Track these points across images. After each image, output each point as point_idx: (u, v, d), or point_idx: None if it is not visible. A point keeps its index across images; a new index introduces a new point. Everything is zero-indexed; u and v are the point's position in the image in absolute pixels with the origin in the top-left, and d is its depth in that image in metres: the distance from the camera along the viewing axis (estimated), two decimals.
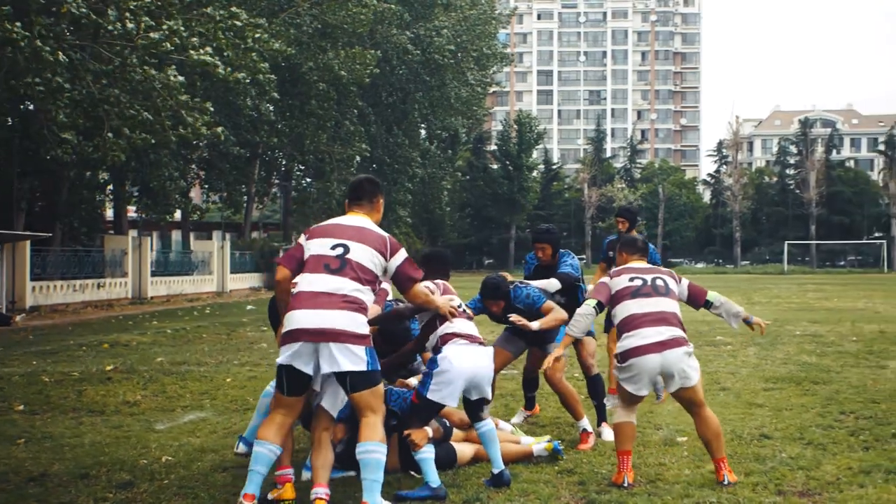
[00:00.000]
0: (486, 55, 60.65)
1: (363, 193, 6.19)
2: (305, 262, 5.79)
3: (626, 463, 6.49)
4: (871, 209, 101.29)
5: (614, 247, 9.71)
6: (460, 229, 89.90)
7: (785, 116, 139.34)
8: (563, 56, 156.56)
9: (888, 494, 6.13)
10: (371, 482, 5.56)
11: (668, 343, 6.38)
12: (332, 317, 5.52)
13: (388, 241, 5.93)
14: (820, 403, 9.74)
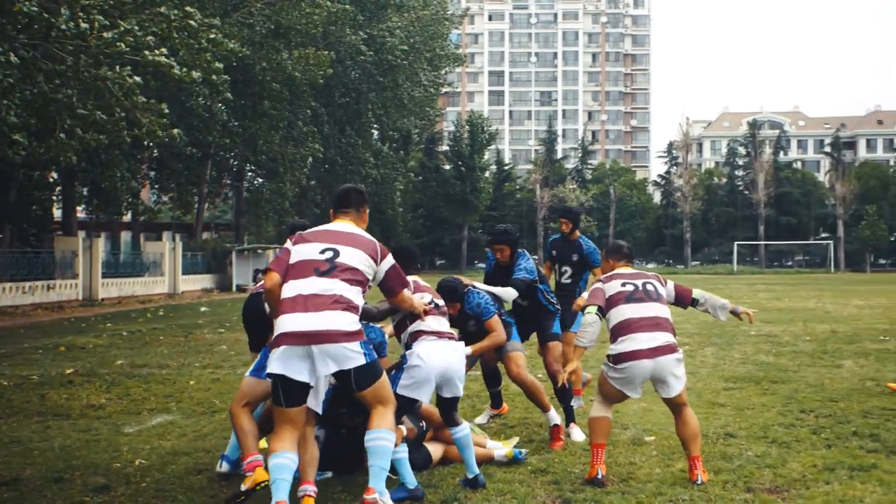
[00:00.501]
0: (438, 56, 60.82)
1: (350, 202, 6.20)
2: (292, 267, 5.77)
3: (600, 456, 6.61)
4: (817, 210, 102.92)
5: (557, 246, 9.84)
6: (412, 230, 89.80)
7: (733, 118, 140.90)
8: (515, 57, 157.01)
9: (853, 491, 6.28)
10: (378, 468, 5.59)
11: (661, 349, 6.54)
12: (323, 318, 5.48)
13: (378, 246, 5.95)
14: (780, 402, 9.91)
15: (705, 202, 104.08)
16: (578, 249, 9.78)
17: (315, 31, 42.79)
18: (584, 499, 6.14)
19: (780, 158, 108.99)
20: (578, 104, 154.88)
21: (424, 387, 6.41)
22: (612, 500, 6.10)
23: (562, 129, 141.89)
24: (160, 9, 25.52)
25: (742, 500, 6.12)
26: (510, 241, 8.32)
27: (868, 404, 9.72)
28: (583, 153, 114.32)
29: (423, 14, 56.96)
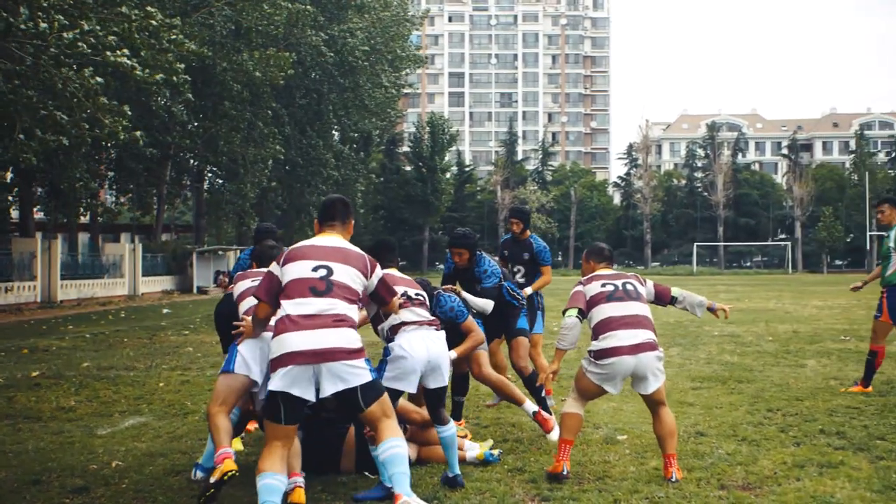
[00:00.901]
0: (399, 57, 60.82)
1: (336, 214, 6.13)
2: (286, 287, 5.67)
3: (566, 452, 6.73)
4: (775, 211, 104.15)
5: (509, 246, 9.89)
6: (373, 231, 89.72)
7: (692, 120, 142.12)
8: (475, 58, 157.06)
9: (824, 487, 6.39)
10: (400, 475, 5.56)
11: (643, 346, 6.65)
12: (327, 336, 5.43)
13: (367, 259, 5.94)
14: (747, 402, 10.05)
15: (665, 204, 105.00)
16: (529, 248, 9.83)
17: (276, 31, 42.67)
18: (561, 497, 6.22)
19: (739, 160, 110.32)
20: (538, 106, 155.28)
21: (410, 377, 6.44)
22: (589, 497, 6.18)
23: (522, 130, 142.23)
24: (121, 9, 25.36)
25: (716, 496, 6.22)
26: (469, 245, 8.32)
27: (833, 403, 9.89)
28: (543, 155, 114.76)
29: (383, 15, 56.95)
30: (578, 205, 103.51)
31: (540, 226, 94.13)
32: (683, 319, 22.31)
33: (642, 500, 6.12)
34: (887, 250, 10.82)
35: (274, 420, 5.47)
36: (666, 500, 6.11)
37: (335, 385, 5.41)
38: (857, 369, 12.47)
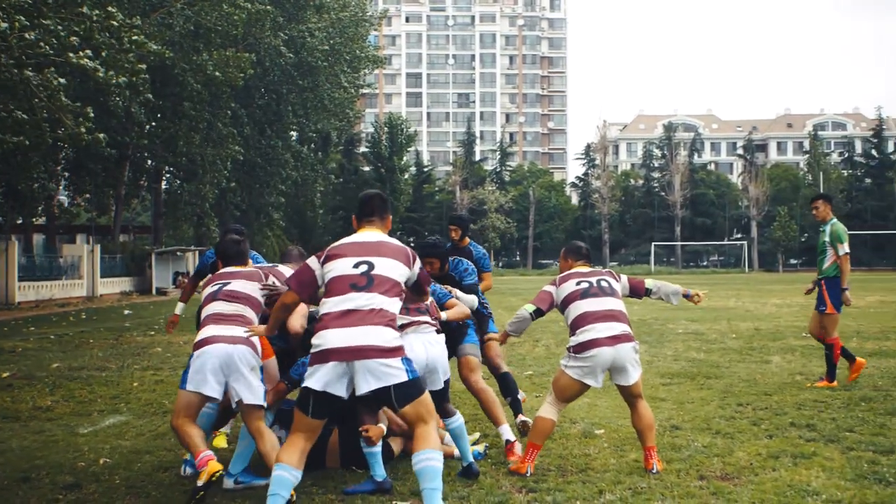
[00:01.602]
0: (358, 57, 60.71)
1: (375, 209, 6.14)
2: (329, 285, 5.70)
3: (533, 455, 6.89)
4: (731, 211, 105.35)
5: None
6: (332, 232, 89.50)
7: (649, 121, 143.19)
8: (432, 59, 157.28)
9: (799, 476, 6.61)
10: (430, 490, 5.40)
11: (620, 338, 6.84)
12: (364, 334, 5.44)
13: (409, 251, 5.95)
14: (718, 397, 10.27)
15: (622, 203, 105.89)
16: (469, 256, 9.68)
17: (236, 31, 42.49)
18: (547, 488, 6.38)
19: (695, 160, 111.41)
20: (496, 106, 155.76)
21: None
22: (574, 488, 6.34)
23: (480, 130, 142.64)
24: (82, 9, 25.19)
25: (697, 486, 6.41)
26: (440, 255, 8.18)
27: (800, 397, 10.14)
28: (501, 155, 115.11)
29: (342, 16, 56.85)
30: (537, 205, 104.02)
31: (499, 226, 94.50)
32: (647, 318, 22.60)
33: (625, 491, 6.28)
34: (823, 245, 11.34)
35: (301, 410, 5.50)
36: (649, 491, 6.28)
37: (368, 383, 5.39)
38: (821, 365, 12.71)
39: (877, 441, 7.76)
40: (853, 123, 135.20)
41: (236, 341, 6.12)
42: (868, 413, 9.10)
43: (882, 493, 6.16)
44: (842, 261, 11.14)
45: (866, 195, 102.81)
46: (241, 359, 6.08)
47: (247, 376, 6.09)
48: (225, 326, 6.21)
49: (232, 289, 6.48)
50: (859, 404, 9.63)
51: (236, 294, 6.45)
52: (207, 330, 6.24)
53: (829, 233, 11.25)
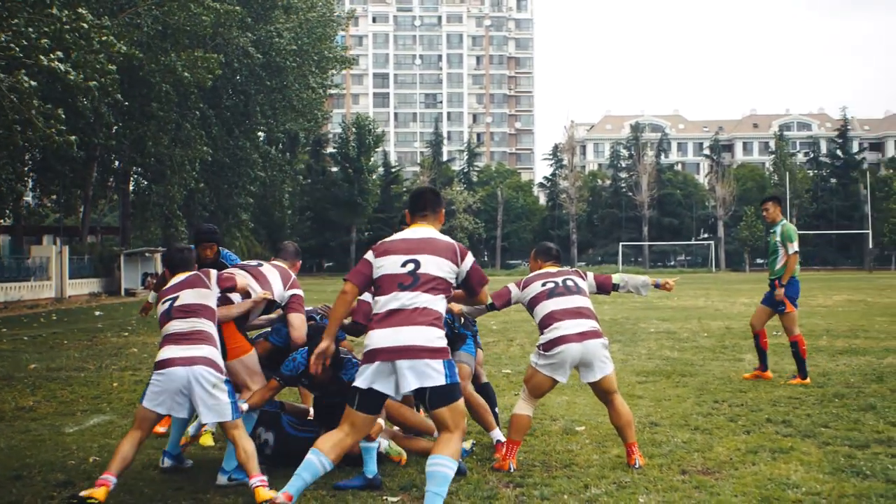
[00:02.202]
0: (326, 58, 60.66)
1: (427, 204, 6.20)
2: (378, 282, 5.83)
3: (514, 451, 7.04)
4: (698, 211, 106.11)
5: None
6: (300, 232, 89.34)
7: (616, 121, 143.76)
8: (399, 59, 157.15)
9: (778, 470, 6.79)
10: (433, 494, 5.45)
11: (588, 334, 6.96)
12: (408, 334, 5.56)
13: (457, 247, 5.99)
14: (693, 394, 10.45)
15: (590, 204, 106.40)
16: None
17: (204, 31, 42.35)
18: (533, 483, 6.52)
19: (662, 161, 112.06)
20: (463, 106, 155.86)
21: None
22: (560, 483, 6.48)
23: (447, 131, 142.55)
24: (51, 10, 25.09)
25: (679, 480, 6.57)
26: None
27: (775, 394, 10.34)
28: (469, 155, 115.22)
29: (310, 16, 56.78)
30: (505, 205, 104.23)
31: (467, 226, 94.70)
32: (619, 317, 22.83)
33: (610, 485, 6.43)
34: (775, 245, 11.71)
35: (349, 403, 5.69)
36: (633, 485, 6.43)
37: (410, 383, 5.51)
38: (793, 362, 12.96)
39: (852, 436, 7.96)
40: (818, 124, 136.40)
41: (194, 362, 6.18)
42: (842, 409, 9.31)
43: (860, 485, 6.35)
44: (790, 259, 11.50)
45: (832, 195, 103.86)
46: (197, 380, 6.15)
47: (206, 396, 6.16)
48: (182, 347, 6.27)
49: (182, 303, 6.53)
50: (833, 401, 9.84)
51: (188, 308, 6.50)
52: (166, 351, 6.31)
53: (781, 233, 11.61)
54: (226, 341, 6.85)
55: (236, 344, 6.95)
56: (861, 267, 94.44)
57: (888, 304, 27.46)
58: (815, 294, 35.27)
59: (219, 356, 6.36)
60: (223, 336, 6.82)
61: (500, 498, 6.18)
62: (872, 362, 13.23)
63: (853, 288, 41.72)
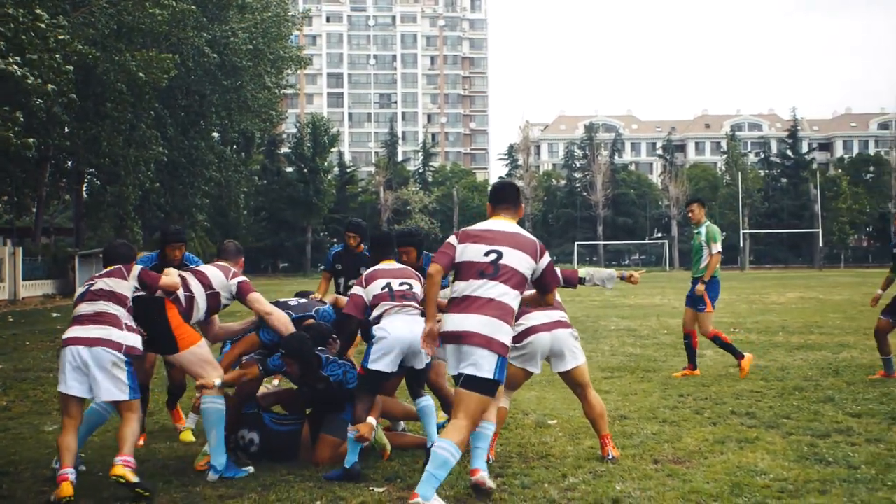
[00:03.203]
0: (281, 58, 60.53)
1: (508, 196, 6.50)
2: (459, 268, 6.15)
3: (492, 442, 7.17)
4: (652, 210, 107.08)
5: (341, 259, 10.01)
6: (255, 233, 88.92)
7: (570, 121, 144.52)
8: (353, 59, 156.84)
9: (746, 459, 7.08)
10: (431, 475, 5.65)
11: (557, 324, 7.20)
12: (473, 321, 5.91)
13: (538, 245, 6.28)
14: (659, 388, 10.74)
15: (545, 203, 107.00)
16: (365, 262, 9.46)
17: (160, 29, 42.11)
18: (512, 473, 6.76)
19: (616, 161, 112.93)
20: (418, 106, 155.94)
21: (390, 356, 6.74)
22: (538, 473, 6.72)
23: (402, 131, 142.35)
24: (7, 9, 24.91)
25: (652, 469, 6.83)
26: (416, 243, 8.15)
27: (737, 387, 10.65)
28: (424, 155, 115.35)
29: (265, 16, 56.64)
30: (461, 205, 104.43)
31: (423, 226, 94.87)
32: (580, 315, 23.12)
33: (587, 475, 6.68)
34: (699, 246, 12.14)
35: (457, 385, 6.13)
36: (608, 474, 6.67)
37: (467, 368, 5.87)
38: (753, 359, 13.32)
39: (813, 426, 8.26)
40: (769, 124, 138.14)
41: (93, 343, 6.38)
42: (802, 401, 9.63)
43: (823, 471, 6.64)
44: (713, 259, 11.97)
45: (782, 194, 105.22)
46: (95, 360, 6.35)
47: (102, 376, 6.35)
48: (84, 327, 6.47)
49: (97, 287, 6.72)
50: (793, 394, 10.16)
51: (99, 292, 6.68)
52: (69, 332, 6.52)
53: (706, 233, 12.06)
54: (174, 332, 6.97)
55: (185, 334, 7.06)
56: (811, 265, 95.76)
57: (839, 302, 28.02)
58: (768, 292, 35.87)
59: (123, 337, 6.51)
60: (172, 327, 6.96)
61: None
62: (828, 357, 13.62)
63: (805, 286, 42.43)
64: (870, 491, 6.11)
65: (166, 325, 6.95)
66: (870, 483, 6.31)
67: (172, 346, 6.96)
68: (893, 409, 9.08)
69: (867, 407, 9.20)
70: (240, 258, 8.03)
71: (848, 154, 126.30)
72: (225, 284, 7.43)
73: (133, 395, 6.46)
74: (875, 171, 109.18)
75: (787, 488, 6.21)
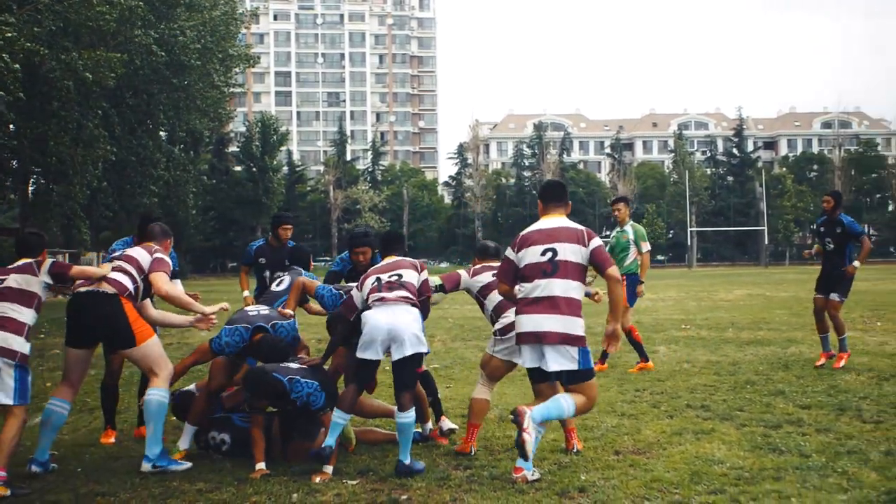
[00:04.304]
0: (230, 56, 60.22)
1: (557, 194, 7.12)
2: (523, 272, 6.75)
3: (474, 434, 7.49)
4: (601, 209, 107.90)
5: (265, 253, 10.27)
6: (204, 232, 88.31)
7: (518, 120, 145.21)
8: (301, 57, 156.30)
9: (703, 449, 7.37)
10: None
11: None
12: (549, 320, 6.52)
13: (584, 231, 6.76)
14: (615, 384, 11.03)
15: (495, 202, 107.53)
16: (290, 254, 9.62)
17: (108, 27, 41.73)
18: (480, 465, 7.00)
19: (565, 159, 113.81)
20: (367, 105, 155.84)
21: (373, 346, 6.81)
22: (505, 465, 6.95)
23: (350, 130, 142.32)
24: None
25: (614, 460, 7.10)
26: (371, 244, 8.34)
27: (691, 382, 10.96)
28: (374, 154, 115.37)
29: (214, 14, 56.32)
30: (410, 204, 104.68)
31: (373, 225, 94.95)
32: None
33: (552, 465, 6.93)
34: (626, 243, 12.79)
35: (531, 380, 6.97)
36: (573, 465, 6.93)
37: (558, 363, 6.55)
38: (705, 353, 13.74)
39: (765, 418, 8.57)
40: (715, 123, 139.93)
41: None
42: (754, 395, 9.95)
43: (777, 460, 6.95)
44: (644, 257, 12.70)
45: (729, 193, 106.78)
46: None
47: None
48: None
49: (5, 286, 6.84)
50: (745, 387, 10.48)
51: (7, 292, 6.82)
52: None
53: (633, 233, 12.75)
54: (132, 326, 7.08)
55: (141, 328, 7.17)
56: (757, 262, 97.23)
57: (785, 298, 28.57)
58: (716, 289, 36.48)
59: (22, 346, 6.76)
60: (130, 321, 7.07)
61: (452, 479, 6.60)
62: (777, 352, 13.99)
63: (752, 283, 43.19)
64: (821, 477, 6.42)
65: (125, 320, 7.05)
66: (821, 470, 6.62)
67: (130, 340, 7.08)
68: (841, 400, 9.42)
69: (816, 399, 9.54)
70: (166, 240, 8.00)
71: (792, 153, 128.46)
72: (149, 262, 7.48)
73: (18, 400, 6.61)
74: (818, 170, 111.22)
75: (743, 476, 6.49)
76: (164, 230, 8.06)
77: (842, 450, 7.20)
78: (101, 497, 6.28)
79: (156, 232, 7.98)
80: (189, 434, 7.48)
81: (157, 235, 7.95)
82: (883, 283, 39.52)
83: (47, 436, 7.12)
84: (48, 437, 7.13)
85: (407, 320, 6.90)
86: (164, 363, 7.21)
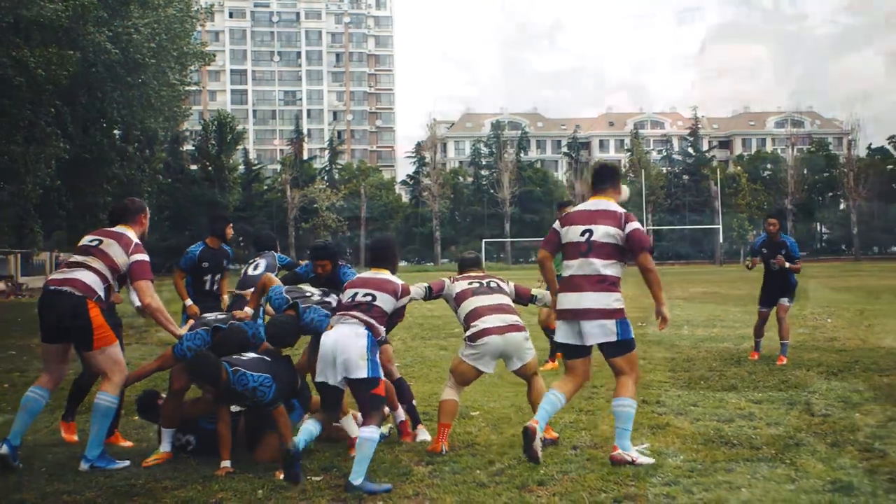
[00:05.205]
0: (185, 54, 59.80)
1: (607, 178, 7.41)
2: (564, 249, 7.22)
3: (445, 434, 7.64)
4: None
5: (205, 257, 10.25)
6: (159, 231, 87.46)
7: (476, 119, 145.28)
8: (257, 56, 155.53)
9: (660, 442, 7.65)
10: (622, 430, 6.93)
11: (510, 328, 7.63)
12: (585, 298, 6.97)
13: (623, 214, 7.03)
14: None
15: (453, 201, 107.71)
16: (229, 257, 10.47)
17: (60, 23, 41.32)
18: (442, 461, 7.16)
19: (522, 158, 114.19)
20: (324, 104, 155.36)
21: (325, 369, 6.83)
22: (466, 460, 7.14)
23: (307, 128, 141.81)
24: None
25: (572, 454, 7.34)
26: (331, 255, 8.30)
27: (645, 378, 11.11)
28: (331, 153, 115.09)
29: (168, 12, 55.91)
30: (368, 203, 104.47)
31: (330, 224, 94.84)
32: None
33: (512, 460, 7.10)
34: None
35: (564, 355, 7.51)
36: None
37: (596, 337, 7.04)
38: (660, 350, 13.99)
39: (718, 413, 8.81)
40: (670, 122, 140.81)
41: None
42: (707, 390, 10.20)
43: (729, 452, 7.21)
44: None
45: (684, 191, 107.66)
46: None
47: None
48: None
49: None
50: (699, 383, 10.73)
51: None
52: None
53: None
54: (95, 332, 7.13)
55: (103, 335, 7.22)
56: (712, 261, 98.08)
57: (740, 296, 28.94)
58: (672, 287, 36.83)
59: None
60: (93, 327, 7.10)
61: (415, 474, 6.76)
62: (730, 348, 14.29)
63: (707, 281, 43.70)
64: (771, 468, 6.67)
65: (87, 324, 7.10)
66: (771, 462, 6.88)
67: (88, 343, 7.16)
68: (791, 395, 9.70)
69: (767, 394, 9.81)
70: (139, 214, 7.82)
71: (747, 152, 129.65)
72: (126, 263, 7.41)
73: None
74: (772, 169, 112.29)
75: (696, 468, 6.72)
76: (137, 204, 7.87)
77: (791, 442, 7.47)
78: (67, 496, 6.37)
79: (128, 208, 7.75)
80: (168, 436, 7.48)
81: (130, 212, 7.71)
82: (833, 280, 40.22)
83: (24, 421, 7.22)
84: (24, 423, 7.23)
85: (351, 342, 6.80)
86: (118, 369, 7.28)
